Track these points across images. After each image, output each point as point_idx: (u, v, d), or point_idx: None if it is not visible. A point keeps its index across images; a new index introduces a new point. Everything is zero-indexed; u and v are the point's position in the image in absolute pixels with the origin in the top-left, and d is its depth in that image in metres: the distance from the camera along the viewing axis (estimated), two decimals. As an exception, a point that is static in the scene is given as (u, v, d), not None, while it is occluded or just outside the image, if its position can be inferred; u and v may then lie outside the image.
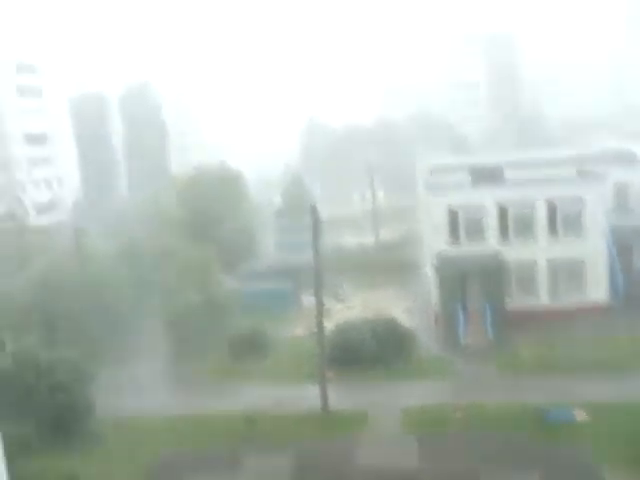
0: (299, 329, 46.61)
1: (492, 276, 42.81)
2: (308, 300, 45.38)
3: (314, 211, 33.05)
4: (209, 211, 61.61)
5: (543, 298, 44.33)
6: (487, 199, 44.31)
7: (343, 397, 34.31)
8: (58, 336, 38.46)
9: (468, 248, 44.11)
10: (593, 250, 43.87)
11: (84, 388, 33.55)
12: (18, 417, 32.30)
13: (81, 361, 34.08)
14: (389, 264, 58.27)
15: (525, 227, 44.28)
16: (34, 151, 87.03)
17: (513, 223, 44.31)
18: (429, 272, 47.60)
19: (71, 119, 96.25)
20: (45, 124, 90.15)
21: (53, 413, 32.19)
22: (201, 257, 47.44)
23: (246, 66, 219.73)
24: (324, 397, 33.45)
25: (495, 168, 48.42)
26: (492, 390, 34.33)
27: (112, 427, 33.08)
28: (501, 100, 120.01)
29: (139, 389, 38.29)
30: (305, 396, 34.44)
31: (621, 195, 50.01)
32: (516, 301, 43.51)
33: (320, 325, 33.63)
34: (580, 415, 30.44)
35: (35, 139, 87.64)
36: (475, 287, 43.01)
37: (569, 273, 44.16)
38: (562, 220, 44.02)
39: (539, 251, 44.12)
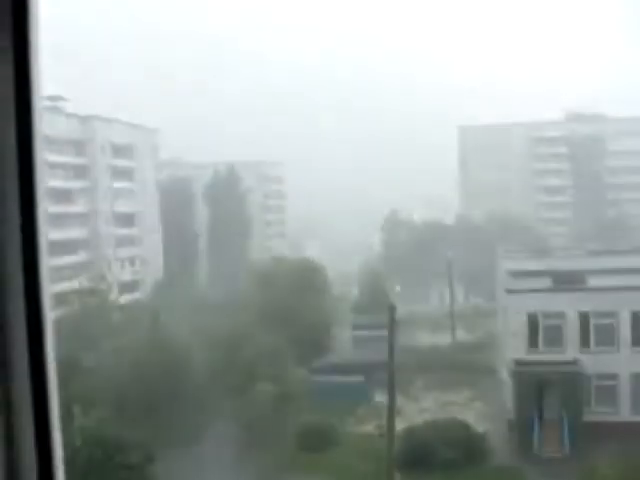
0: (369, 426, 45.83)
1: (570, 386, 41.47)
2: (381, 397, 44.71)
3: (392, 310, 33.07)
4: (286, 302, 62.06)
5: (624, 412, 42.57)
6: (568, 306, 43.36)
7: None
8: (127, 416, 38.83)
9: (547, 355, 42.97)
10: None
11: (149, 471, 33.60)
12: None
13: (149, 443, 34.25)
14: (465, 366, 57.17)
15: (607, 337, 42.96)
16: (121, 230, 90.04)
17: (595, 332, 43.13)
18: (505, 377, 46.44)
19: (159, 202, 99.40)
20: (134, 205, 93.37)
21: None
22: (275, 347, 47.61)
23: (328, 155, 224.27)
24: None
25: (577, 274, 47.51)
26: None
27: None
28: (586, 204, 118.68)
29: (204, 474, 38.02)
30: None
31: None
32: (595, 413, 41.88)
33: (391, 425, 33.04)
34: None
35: (123, 219, 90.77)
36: (552, 396, 41.68)
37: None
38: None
39: (621, 362, 42.62)
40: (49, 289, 2.28)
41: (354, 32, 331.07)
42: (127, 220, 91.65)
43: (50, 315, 2.28)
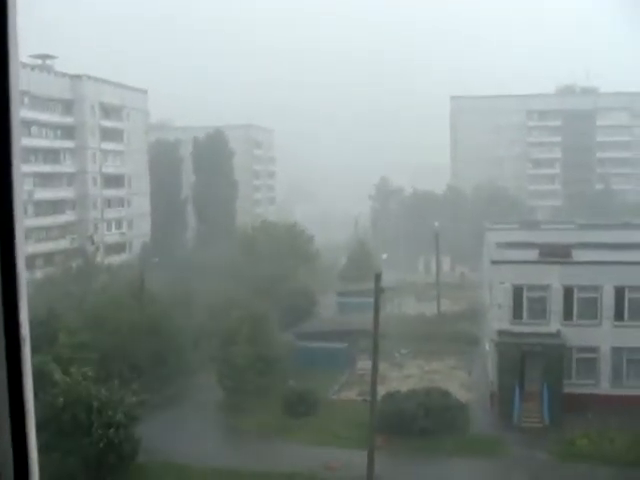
0: (352, 392, 46.24)
1: (552, 357, 41.83)
2: (364, 364, 45.02)
3: (378, 279, 33.13)
4: (273, 266, 62.19)
5: (604, 384, 43.07)
6: (553, 278, 43.61)
7: (388, 467, 33.68)
8: (110, 374, 39.05)
9: (530, 327, 43.31)
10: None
11: (132, 429, 33.80)
12: (65, 452, 32.71)
13: (132, 402, 34.39)
14: (449, 336, 57.63)
15: (590, 310, 43.29)
16: (109, 192, 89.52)
17: (578, 305, 43.42)
18: (488, 348, 46.83)
19: (148, 164, 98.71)
20: (122, 166, 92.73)
21: (100, 451, 32.45)
22: (260, 312, 47.78)
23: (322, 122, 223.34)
24: (370, 467, 32.90)
25: (563, 247, 47.71)
26: (541, 477, 33.22)
27: (154, 472, 33.19)
28: (576, 178, 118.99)
29: (184, 436, 38.34)
30: (351, 461, 33.97)
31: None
32: (576, 385, 42.32)
33: (374, 391, 33.31)
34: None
35: (112, 180, 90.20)
36: (534, 367, 42.02)
37: (633, 361, 42.87)
38: (630, 306, 42.93)
39: (603, 336, 43.02)
40: (24, 277, 2.21)
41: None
42: (115, 181, 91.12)
43: (25, 298, 2.22)
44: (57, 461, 32.99)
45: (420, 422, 38.12)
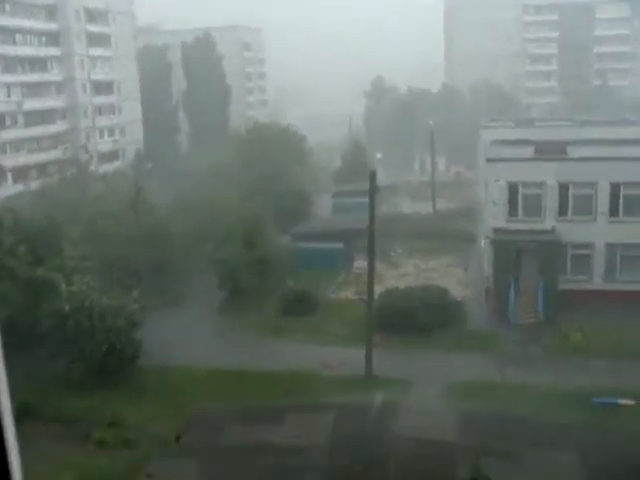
0: (349, 291, 46.87)
1: (547, 254, 42.25)
2: (360, 263, 45.36)
3: (372, 177, 33.10)
4: (267, 169, 61.92)
5: (597, 280, 43.68)
6: (548, 175, 43.55)
7: (387, 363, 34.44)
8: (111, 282, 39.45)
9: (525, 224, 43.57)
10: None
11: (133, 334, 34.48)
12: (68, 357, 33.49)
13: (131, 308, 34.94)
14: (445, 234, 57.95)
15: (585, 207, 43.45)
16: (99, 99, 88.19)
17: (573, 202, 43.55)
18: (484, 245, 47.24)
19: (137, 70, 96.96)
20: (112, 72, 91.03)
21: (101, 356, 33.19)
22: (256, 214, 47.90)
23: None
24: (369, 362, 33.70)
25: (559, 144, 47.48)
26: (535, 370, 34.08)
27: (155, 374, 33.97)
28: (573, 75, 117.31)
29: (185, 338, 38.97)
30: (349, 358, 34.73)
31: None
32: (570, 281, 42.91)
33: (370, 289, 33.80)
34: (626, 401, 30.04)
35: (101, 87, 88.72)
36: (529, 264, 42.48)
37: (627, 256, 43.35)
38: (625, 202, 43.08)
39: (597, 232, 43.34)
40: None
41: None
42: (105, 88, 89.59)
43: None
44: (63, 366, 33.87)
45: (418, 319, 38.75)
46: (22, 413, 29.88)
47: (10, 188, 70.13)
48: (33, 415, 29.78)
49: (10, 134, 73.68)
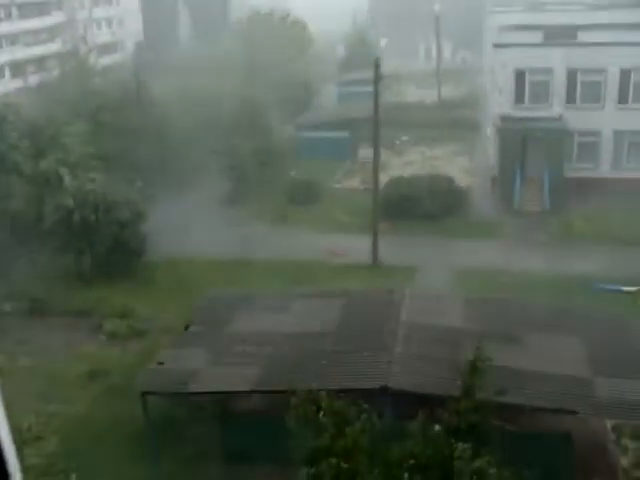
0: (354, 180, 46.73)
1: (553, 141, 41.78)
2: (365, 152, 44.95)
3: (377, 64, 32.49)
4: (270, 58, 60.78)
5: (604, 167, 43.38)
6: (557, 61, 42.57)
7: (392, 250, 34.65)
8: (116, 176, 39.37)
9: (532, 111, 42.92)
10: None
11: (139, 226, 34.63)
12: (76, 251, 33.79)
13: (137, 200, 34.97)
14: (450, 122, 57.25)
15: (594, 94, 42.65)
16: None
17: (581, 88, 42.73)
18: (490, 133, 46.74)
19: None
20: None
21: (109, 249, 33.47)
22: (259, 104, 47.28)
23: None
24: (375, 250, 33.96)
25: (569, 28, 46.25)
26: (539, 256, 34.31)
27: (163, 266, 34.34)
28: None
29: (191, 229, 38.99)
30: (355, 246, 34.96)
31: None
32: (576, 169, 42.60)
33: (376, 177, 33.72)
34: (628, 288, 30.34)
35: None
36: (535, 152, 42.06)
37: (635, 143, 42.91)
38: (635, 89, 42.23)
39: (606, 119, 42.72)
40: None
41: None
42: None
43: None
44: (70, 260, 34.22)
45: (423, 206, 38.76)
46: (35, 307, 30.50)
47: (9, 83, 69.13)
48: (44, 309, 30.32)
49: (4, 27, 72.03)
